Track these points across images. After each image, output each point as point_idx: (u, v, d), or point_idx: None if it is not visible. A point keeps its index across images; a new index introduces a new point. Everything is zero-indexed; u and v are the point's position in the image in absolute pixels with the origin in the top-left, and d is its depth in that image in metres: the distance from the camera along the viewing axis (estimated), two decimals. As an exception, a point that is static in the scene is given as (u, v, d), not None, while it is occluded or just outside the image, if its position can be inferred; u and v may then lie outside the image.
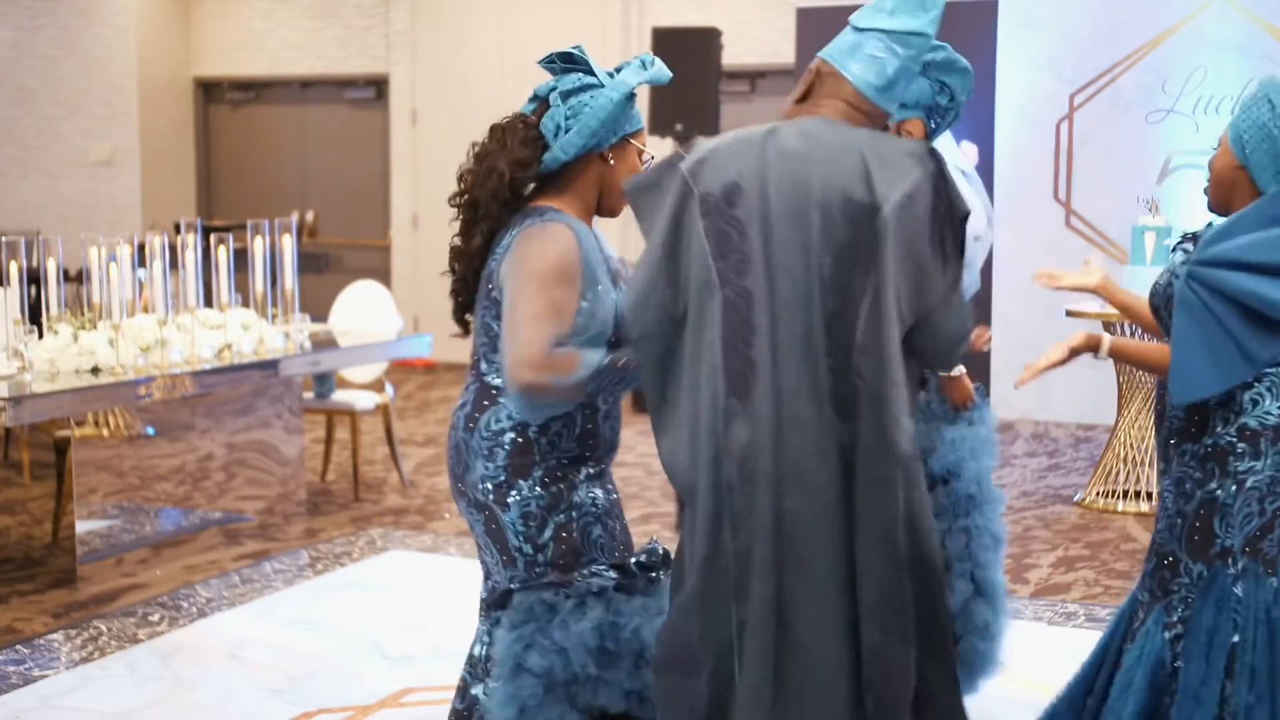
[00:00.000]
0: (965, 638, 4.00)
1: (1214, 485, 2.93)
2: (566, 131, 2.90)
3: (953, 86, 3.82)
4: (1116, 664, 3.08)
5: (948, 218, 2.53)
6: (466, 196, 2.97)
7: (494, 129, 2.99)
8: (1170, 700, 2.95)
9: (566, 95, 2.93)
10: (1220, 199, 3.01)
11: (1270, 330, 2.86)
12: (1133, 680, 3.00)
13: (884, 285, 2.46)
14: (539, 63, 3.01)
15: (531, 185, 2.97)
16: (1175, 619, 2.98)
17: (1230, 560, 2.92)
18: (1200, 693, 2.91)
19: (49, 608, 5.23)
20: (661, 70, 2.97)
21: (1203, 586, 2.94)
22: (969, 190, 4.33)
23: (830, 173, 2.50)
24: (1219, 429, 2.94)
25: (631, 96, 2.94)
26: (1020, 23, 8.70)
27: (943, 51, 3.77)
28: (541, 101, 2.98)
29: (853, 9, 2.71)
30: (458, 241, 3.02)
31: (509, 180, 2.92)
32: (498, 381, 2.91)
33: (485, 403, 2.94)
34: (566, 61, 2.97)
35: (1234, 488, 2.91)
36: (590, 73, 2.95)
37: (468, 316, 3.06)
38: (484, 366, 2.98)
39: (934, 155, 2.54)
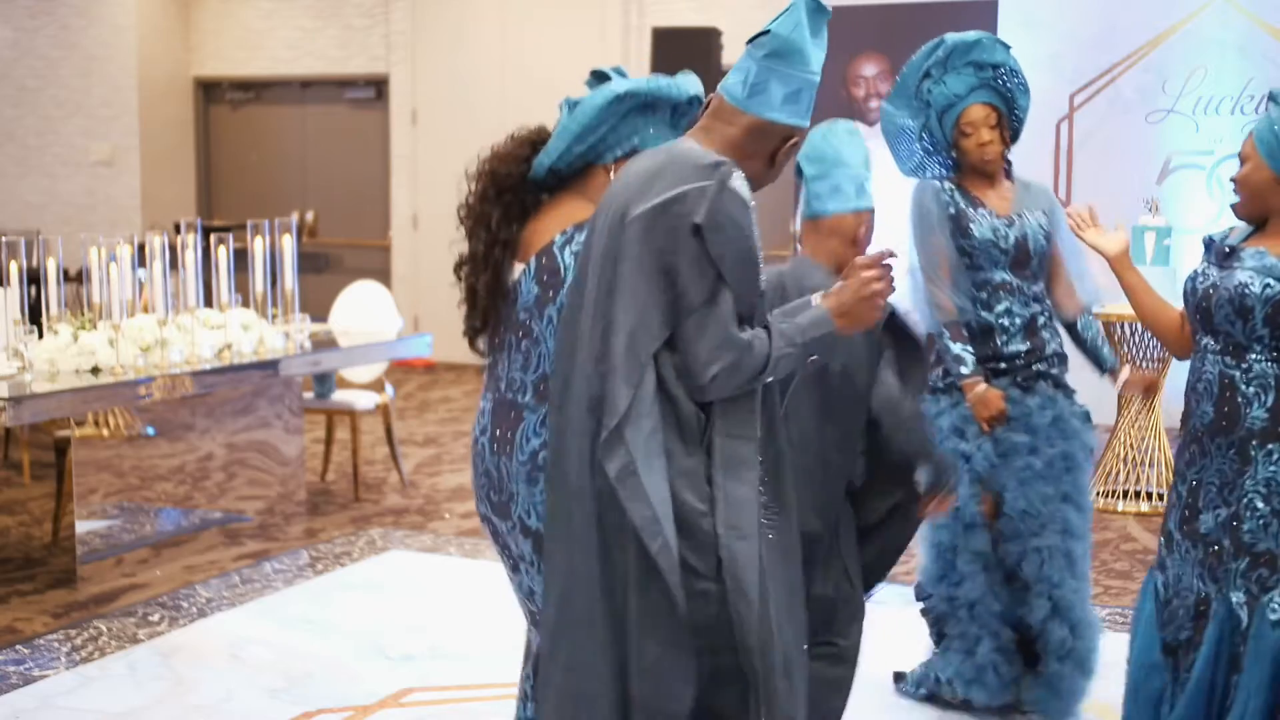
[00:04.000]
0: (1046, 659, 4.03)
1: None
2: (554, 147, 2.90)
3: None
4: (1231, 666, 3.15)
5: (697, 230, 2.50)
6: (469, 191, 2.99)
7: (509, 136, 3.00)
8: None
9: (572, 106, 2.91)
10: (1257, 210, 3.15)
11: None
12: (1255, 678, 3.09)
13: (616, 292, 2.54)
14: (587, 84, 3.00)
15: (519, 182, 2.93)
16: None
17: None
18: None
19: (49, 608, 5.23)
20: (676, 84, 2.91)
21: None
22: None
23: (627, 190, 2.60)
24: None
25: (641, 105, 2.87)
26: (1020, 23, 8.69)
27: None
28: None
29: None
30: (472, 214, 2.99)
31: (488, 173, 2.92)
32: None
33: None
34: (599, 78, 2.95)
35: None
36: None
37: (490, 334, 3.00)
38: None
39: (718, 168, 2.52)
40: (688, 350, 2.53)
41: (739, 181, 2.54)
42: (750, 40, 2.65)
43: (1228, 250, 3.17)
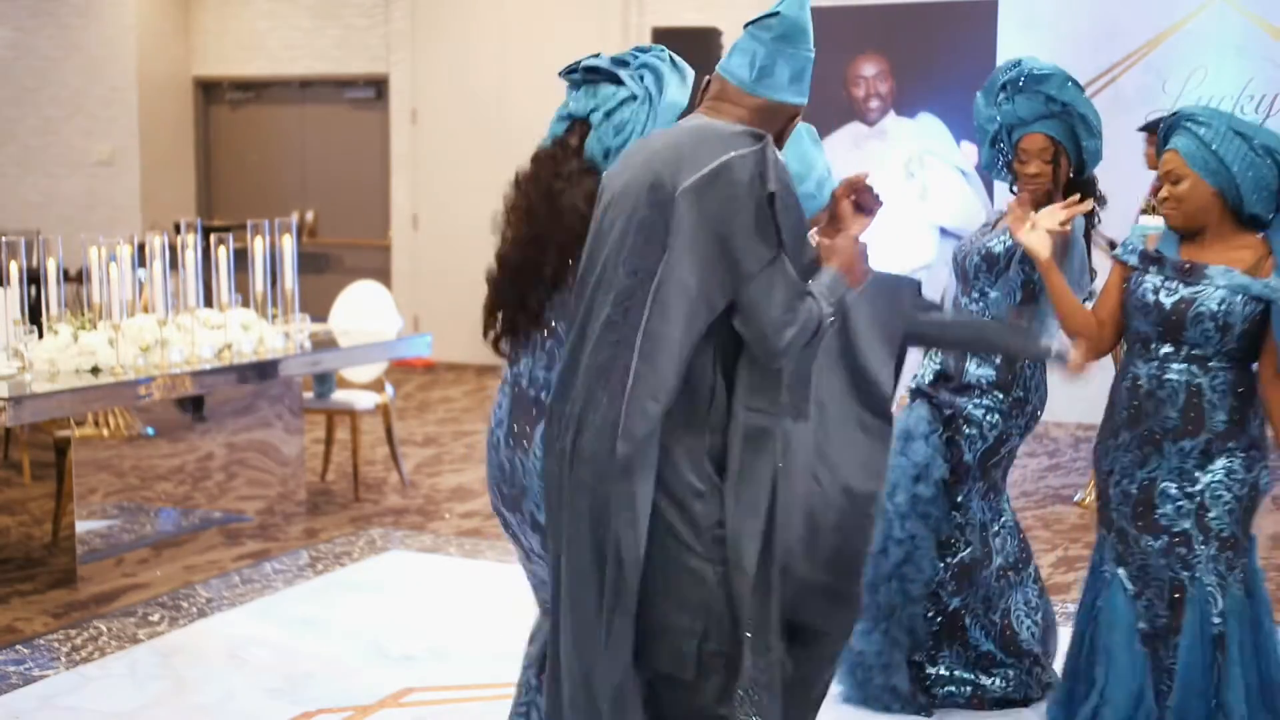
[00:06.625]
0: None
1: (1256, 472, 3.39)
2: (617, 152, 2.85)
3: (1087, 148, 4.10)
4: (1215, 644, 3.42)
5: (760, 196, 2.52)
6: (536, 233, 2.87)
7: (538, 159, 2.92)
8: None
9: (610, 114, 2.87)
10: (1196, 223, 3.40)
11: None
12: (1244, 648, 3.41)
13: (671, 266, 2.52)
14: (561, 74, 2.96)
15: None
16: (1244, 589, 3.42)
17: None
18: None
19: (49, 608, 5.23)
20: (686, 70, 2.96)
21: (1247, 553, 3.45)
22: (968, 190, 4.39)
23: (654, 162, 2.59)
24: (1252, 424, 3.38)
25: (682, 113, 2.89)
26: (1020, 23, 8.69)
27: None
28: (579, 122, 2.90)
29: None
30: (514, 257, 2.91)
31: (577, 211, 2.84)
32: None
33: None
34: (591, 73, 2.91)
35: (1267, 473, 3.42)
36: (619, 82, 2.88)
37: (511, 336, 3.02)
38: None
39: (758, 138, 2.54)
40: (758, 315, 2.52)
41: (777, 152, 2.58)
42: (752, 22, 2.67)
43: (1188, 266, 3.39)
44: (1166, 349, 3.39)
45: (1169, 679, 3.42)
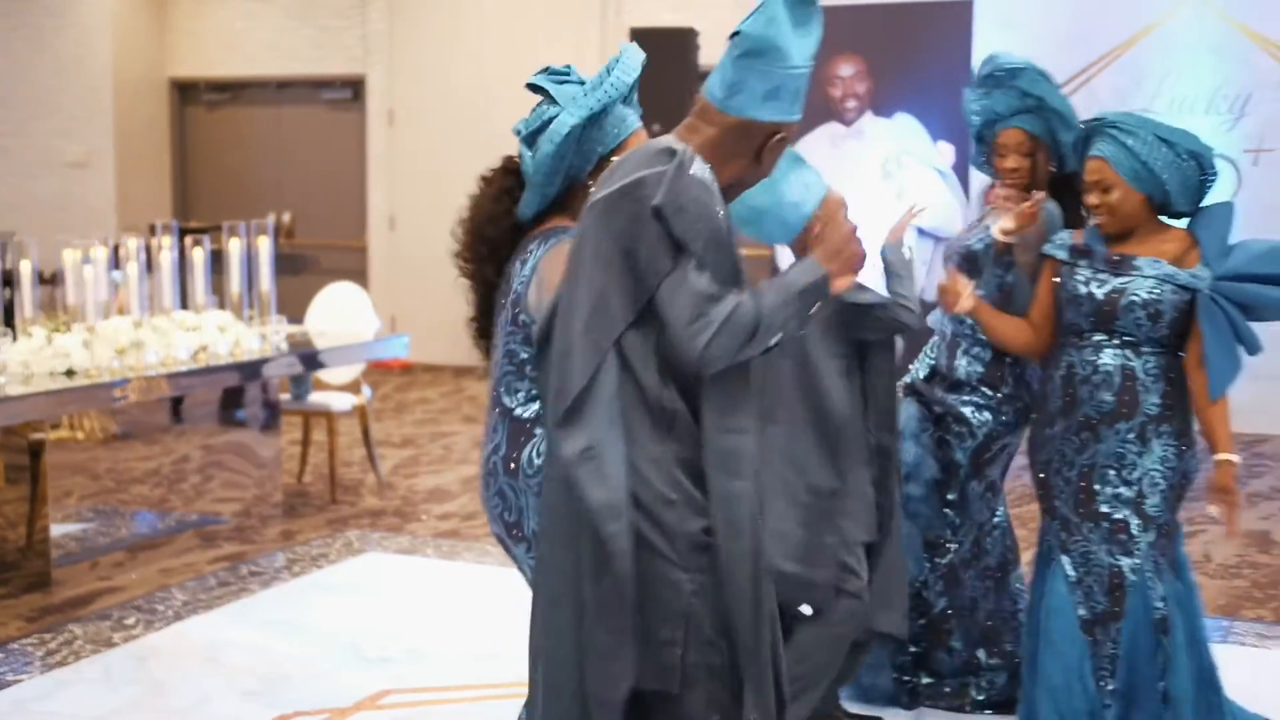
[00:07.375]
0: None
1: (1188, 455, 3.51)
2: (542, 173, 2.93)
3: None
4: (1157, 628, 3.52)
5: (657, 212, 2.48)
6: (461, 245, 3.08)
7: (482, 177, 3.06)
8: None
9: (529, 140, 2.95)
10: (1127, 228, 3.51)
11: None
12: (1184, 632, 3.53)
13: (576, 279, 2.54)
14: (528, 87, 3.03)
15: (509, 234, 3.03)
16: (1175, 574, 3.54)
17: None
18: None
19: (23, 611, 5.20)
20: (617, 83, 2.96)
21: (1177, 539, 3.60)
22: (945, 190, 4.40)
23: (598, 188, 2.61)
24: (1182, 409, 3.50)
25: (588, 122, 2.90)
26: (996, 23, 8.72)
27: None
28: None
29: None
30: (467, 270, 3.11)
31: (480, 236, 3.01)
32: (527, 413, 2.86)
33: (521, 439, 2.87)
34: (536, 90, 2.97)
35: (1195, 460, 3.53)
36: (553, 101, 2.93)
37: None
38: (508, 400, 2.92)
39: (672, 154, 2.52)
40: (670, 327, 2.47)
41: (699, 167, 2.52)
42: (730, 37, 2.64)
43: (1117, 258, 3.50)
44: (1099, 337, 3.50)
45: (1109, 664, 3.50)
